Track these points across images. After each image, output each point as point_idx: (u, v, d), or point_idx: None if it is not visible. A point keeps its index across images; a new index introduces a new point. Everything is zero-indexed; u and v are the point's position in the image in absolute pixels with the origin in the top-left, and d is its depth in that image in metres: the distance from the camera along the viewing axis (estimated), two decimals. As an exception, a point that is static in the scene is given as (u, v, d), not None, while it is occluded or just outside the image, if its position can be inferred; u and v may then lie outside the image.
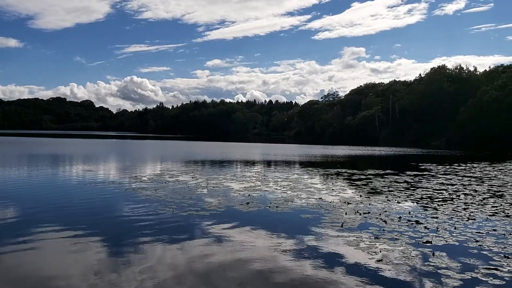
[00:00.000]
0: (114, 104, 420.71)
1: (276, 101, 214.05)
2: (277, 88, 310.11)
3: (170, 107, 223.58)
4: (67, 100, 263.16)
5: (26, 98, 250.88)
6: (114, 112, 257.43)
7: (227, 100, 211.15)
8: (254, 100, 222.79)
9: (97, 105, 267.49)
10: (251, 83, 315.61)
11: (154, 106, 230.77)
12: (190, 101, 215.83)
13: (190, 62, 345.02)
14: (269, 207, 11.40)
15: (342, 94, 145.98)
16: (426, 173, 21.88)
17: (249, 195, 13.31)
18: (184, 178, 17.24)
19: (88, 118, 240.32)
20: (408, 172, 21.85)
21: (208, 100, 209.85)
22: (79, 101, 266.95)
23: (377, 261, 6.84)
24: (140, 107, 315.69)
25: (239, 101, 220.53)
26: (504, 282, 5.93)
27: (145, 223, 9.23)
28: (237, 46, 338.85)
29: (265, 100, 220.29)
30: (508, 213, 11.09)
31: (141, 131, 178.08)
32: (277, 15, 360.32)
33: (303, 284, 5.90)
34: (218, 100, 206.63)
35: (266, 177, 18.32)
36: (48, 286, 5.70)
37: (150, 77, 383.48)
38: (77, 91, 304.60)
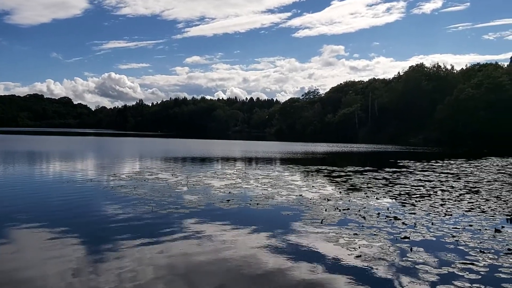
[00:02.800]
0: (92, 101, 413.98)
1: (257, 98, 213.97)
2: (258, 86, 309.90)
3: (150, 104, 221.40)
4: (45, 97, 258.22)
5: (2, 94, 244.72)
6: (93, 109, 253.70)
7: (208, 97, 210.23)
8: (235, 97, 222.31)
9: (75, 102, 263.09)
10: (231, 80, 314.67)
11: (133, 103, 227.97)
12: (170, 98, 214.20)
13: (170, 59, 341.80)
14: (250, 204, 11.40)
15: (322, 91, 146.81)
16: (404, 169, 22.19)
17: (229, 192, 13.28)
18: (163, 176, 17.11)
19: (66, 115, 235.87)
20: (387, 169, 22.13)
21: (188, 97, 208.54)
22: (56, 98, 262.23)
23: (356, 257, 6.90)
24: (118, 104, 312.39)
25: (220, 98, 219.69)
26: (480, 277, 6.05)
27: (124, 221, 9.12)
28: (217, 43, 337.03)
29: (246, 98, 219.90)
30: (483, 209, 11.32)
31: (120, 128, 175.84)
32: (257, 12, 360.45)
33: (283, 280, 5.91)
34: (199, 97, 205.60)
35: (246, 175, 18.31)
36: (25, 286, 5.57)
37: (129, 74, 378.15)
38: (54, 88, 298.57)
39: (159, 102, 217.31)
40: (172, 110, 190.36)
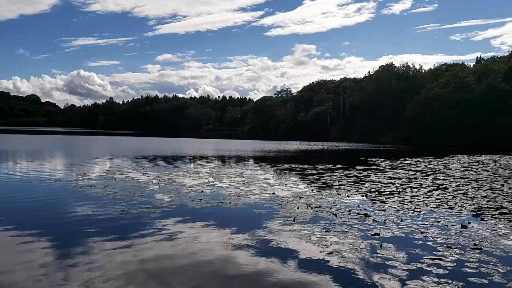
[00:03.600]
0: (61, 99, 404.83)
1: (230, 96, 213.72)
2: (230, 84, 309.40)
3: (121, 102, 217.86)
4: (11, 94, 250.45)
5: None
6: (62, 107, 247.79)
7: (180, 95, 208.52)
8: (207, 95, 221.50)
9: (43, 100, 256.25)
10: (203, 79, 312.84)
11: (104, 101, 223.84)
12: (142, 96, 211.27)
13: (141, 56, 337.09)
14: (222, 203, 11.37)
15: (294, 90, 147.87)
16: (375, 167, 22.57)
17: (202, 191, 13.21)
18: (134, 175, 16.87)
19: (33, 113, 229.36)
20: (358, 167, 22.46)
21: (160, 95, 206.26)
22: (23, 96, 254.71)
23: (328, 253, 6.98)
24: (88, 102, 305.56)
25: (192, 96, 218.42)
26: (447, 272, 6.21)
27: (94, 221, 8.94)
28: (189, 40, 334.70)
29: (219, 96, 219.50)
30: (451, 205, 11.63)
31: (90, 127, 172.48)
32: (229, 11, 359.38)
33: (256, 278, 5.92)
34: (170, 96, 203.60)
35: (219, 173, 18.25)
36: (-12, 290, 5.39)
37: (99, 71, 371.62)
38: (21, 85, 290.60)
39: (130, 100, 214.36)
40: (143, 108, 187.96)
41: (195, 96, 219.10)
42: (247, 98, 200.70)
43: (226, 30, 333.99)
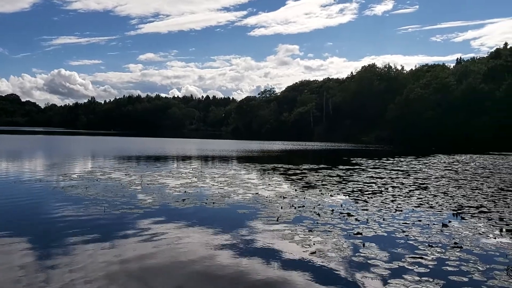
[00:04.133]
0: (41, 98, 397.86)
1: (214, 96, 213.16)
2: (214, 84, 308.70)
3: (102, 102, 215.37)
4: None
5: None
6: (42, 107, 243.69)
7: (162, 95, 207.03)
8: (190, 95, 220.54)
9: (23, 99, 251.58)
10: (186, 78, 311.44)
11: (85, 100, 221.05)
12: (124, 95, 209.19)
13: (123, 56, 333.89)
14: (206, 203, 11.32)
15: (278, 90, 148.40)
16: (357, 167, 22.76)
17: (185, 191, 13.13)
18: (117, 175, 16.69)
19: (13, 113, 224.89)
20: (341, 166, 22.62)
21: (143, 94, 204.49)
22: (3, 95, 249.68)
23: (311, 253, 7.00)
24: (69, 101, 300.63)
25: (175, 96, 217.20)
26: (428, 270, 6.28)
27: (75, 223, 8.81)
28: (172, 40, 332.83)
29: (202, 96, 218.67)
30: (432, 204, 11.79)
31: (71, 126, 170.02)
32: (213, 10, 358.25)
33: (239, 279, 5.90)
34: (153, 95, 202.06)
35: (202, 173, 18.17)
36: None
37: (80, 71, 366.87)
38: (0, 85, 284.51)
39: (112, 100, 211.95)
40: (125, 108, 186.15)
41: (178, 96, 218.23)
42: (231, 98, 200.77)
43: (210, 30, 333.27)
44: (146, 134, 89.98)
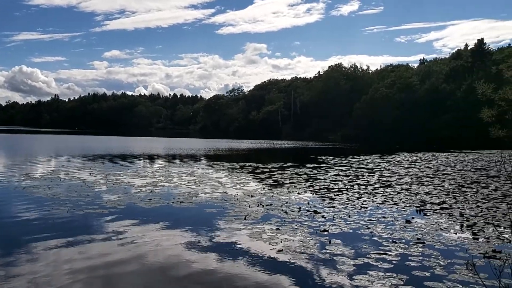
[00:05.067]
0: (2, 96, 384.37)
1: (181, 94, 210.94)
2: (181, 82, 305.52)
3: (67, 100, 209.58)
4: None
5: None
6: (3, 105, 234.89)
7: (128, 93, 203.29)
8: (157, 93, 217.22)
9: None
10: (153, 76, 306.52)
11: (48, 98, 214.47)
12: (89, 93, 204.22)
13: (88, 53, 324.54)
14: (173, 202, 11.20)
15: (246, 89, 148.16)
16: (324, 165, 23.04)
17: (151, 191, 12.96)
18: (81, 175, 16.29)
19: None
20: (308, 165, 22.84)
21: (108, 92, 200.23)
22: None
23: (278, 251, 7.04)
24: (31, 99, 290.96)
25: (141, 94, 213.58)
26: (392, 266, 6.42)
27: (38, 224, 8.56)
28: (138, 37, 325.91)
29: (169, 94, 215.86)
30: (395, 201, 12.07)
31: (34, 125, 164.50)
32: (180, 8, 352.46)
33: (207, 278, 5.87)
34: (119, 93, 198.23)
35: (170, 172, 17.98)
36: None
37: (43, 68, 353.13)
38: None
39: (76, 98, 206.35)
40: (90, 106, 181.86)
41: (144, 94, 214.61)
42: (199, 96, 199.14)
43: (177, 27, 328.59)
44: (112, 133, 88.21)
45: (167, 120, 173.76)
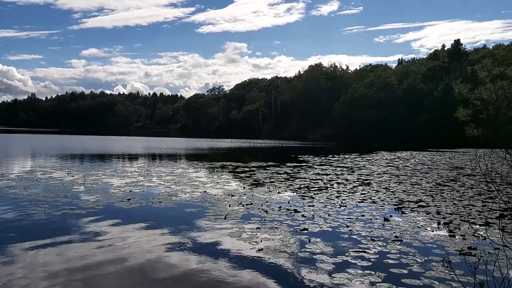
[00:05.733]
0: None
1: (161, 93, 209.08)
2: (161, 81, 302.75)
3: (44, 99, 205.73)
4: None
5: None
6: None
7: (107, 91, 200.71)
8: (137, 92, 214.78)
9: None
10: (132, 75, 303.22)
11: (25, 97, 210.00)
12: (66, 92, 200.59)
13: (65, 51, 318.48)
14: (152, 202, 11.12)
15: (227, 88, 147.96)
16: (304, 164, 23.18)
17: (130, 191, 12.83)
18: (58, 175, 16.02)
19: None
20: (288, 164, 22.94)
21: (86, 91, 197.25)
22: None
23: (258, 250, 7.05)
24: (7, 98, 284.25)
25: (120, 93, 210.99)
26: (370, 264, 6.51)
27: (13, 225, 8.39)
28: (117, 35, 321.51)
29: (149, 93, 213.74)
30: (374, 200, 12.22)
31: (10, 124, 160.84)
32: (160, 6, 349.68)
33: (187, 278, 5.85)
34: (97, 92, 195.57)
35: (149, 172, 17.83)
36: None
37: (19, 66, 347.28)
38: None
39: (53, 97, 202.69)
40: (68, 105, 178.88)
41: (123, 93, 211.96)
42: (179, 95, 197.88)
43: (156, 26, 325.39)
44: (90, 132, 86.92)
45: (146, 119, 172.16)
